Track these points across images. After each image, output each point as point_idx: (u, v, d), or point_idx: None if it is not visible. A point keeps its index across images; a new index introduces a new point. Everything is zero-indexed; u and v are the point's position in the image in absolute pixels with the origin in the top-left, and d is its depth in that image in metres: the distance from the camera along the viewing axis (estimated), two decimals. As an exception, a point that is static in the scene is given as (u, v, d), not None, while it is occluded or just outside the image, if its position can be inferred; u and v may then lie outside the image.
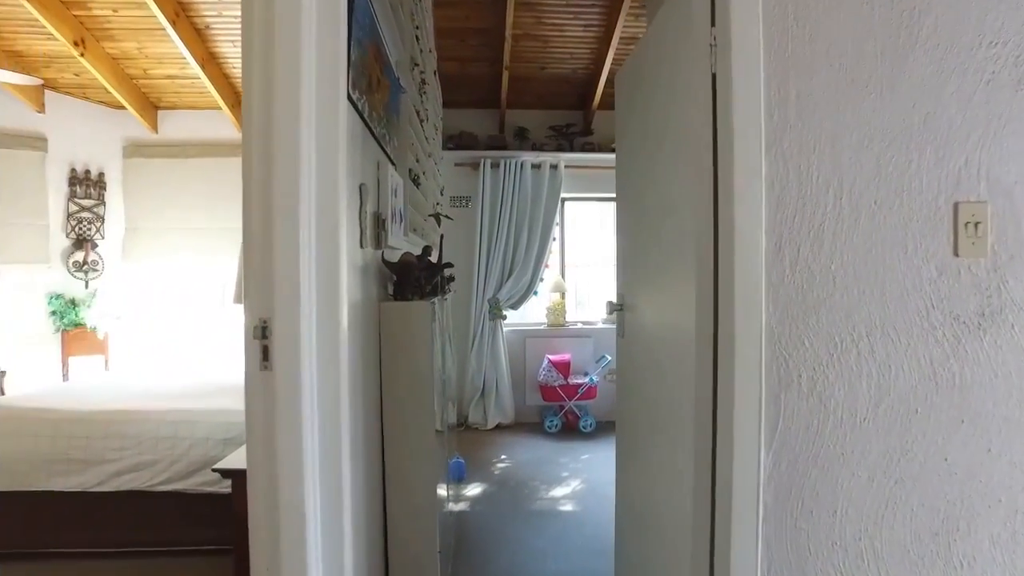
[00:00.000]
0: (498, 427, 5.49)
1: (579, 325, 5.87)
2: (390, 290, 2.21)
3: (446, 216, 3.43)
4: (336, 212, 1.39)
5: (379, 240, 2.00)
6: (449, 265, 2.57)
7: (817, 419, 1.42)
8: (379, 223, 2.00)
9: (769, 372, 1.39)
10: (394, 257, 2.20)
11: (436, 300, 2.51)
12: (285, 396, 1.28)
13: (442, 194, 5.01)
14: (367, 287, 1.92)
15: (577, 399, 5.29)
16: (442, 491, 2.40)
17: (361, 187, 1.77)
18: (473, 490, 3.94)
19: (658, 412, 1.72)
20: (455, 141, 5.54)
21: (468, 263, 5.59)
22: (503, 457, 4.63)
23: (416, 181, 2.93)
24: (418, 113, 2.96)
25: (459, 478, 4.13)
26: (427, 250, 2.46)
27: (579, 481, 4.08)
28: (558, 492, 3.89)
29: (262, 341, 1.29)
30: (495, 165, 5.55)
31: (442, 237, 3.28)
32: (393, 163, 2.32)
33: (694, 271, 1.41)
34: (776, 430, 1.40)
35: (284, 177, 1.28)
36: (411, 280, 2.17)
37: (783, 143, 1.40)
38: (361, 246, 1.78)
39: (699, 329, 1.40)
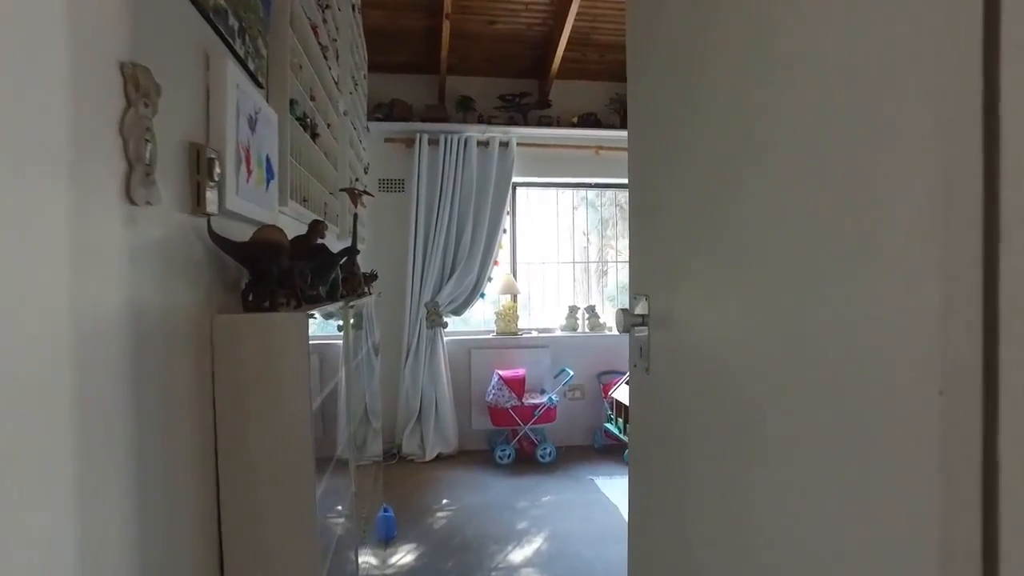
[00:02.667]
0: (439, 459, 4.53)
1: (534, 333, 4.98)
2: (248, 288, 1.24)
3: (365, 191, 2.50)
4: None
5: (199, 196, 1.03)
6: (350, 252, 1.61)
7: None
8: (202, 163, 1.03)
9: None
10: (239, 232, 1.23)
11: (339, 307, 1.57)
12: None
13: (366, 173, 4.02)
14: (171, 283, 0.96)
15: (533, 423, 4.39)
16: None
17: (126, 68, 0.80)
18: (404, 556, 2.98)
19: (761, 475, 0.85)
20: (384, 111, 4.55)
21: (401, 260, 4.61)
22: (445, 502, 3.68)
23: (312, 131, 1.95)
24: (315, 31, 1.98)
25: (387, 537, 3.15)
26: (317, 228, 1.49)
27: (543, 537, 3.17)
28: (517, 556, 2.97)
29: None
30: (434, 141, 4.59)
31: (355, 218, 2.31)
32: (251, 74, 1.35)
33: (920, 252, 0.53)
34: None
35: None
36: (276, 274, 1.21)
37: None
38: (133, 200, 0.82)
39: (949, 350, 0.53)
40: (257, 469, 1.14)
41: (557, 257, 5.24)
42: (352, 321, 2.30)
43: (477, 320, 5.13)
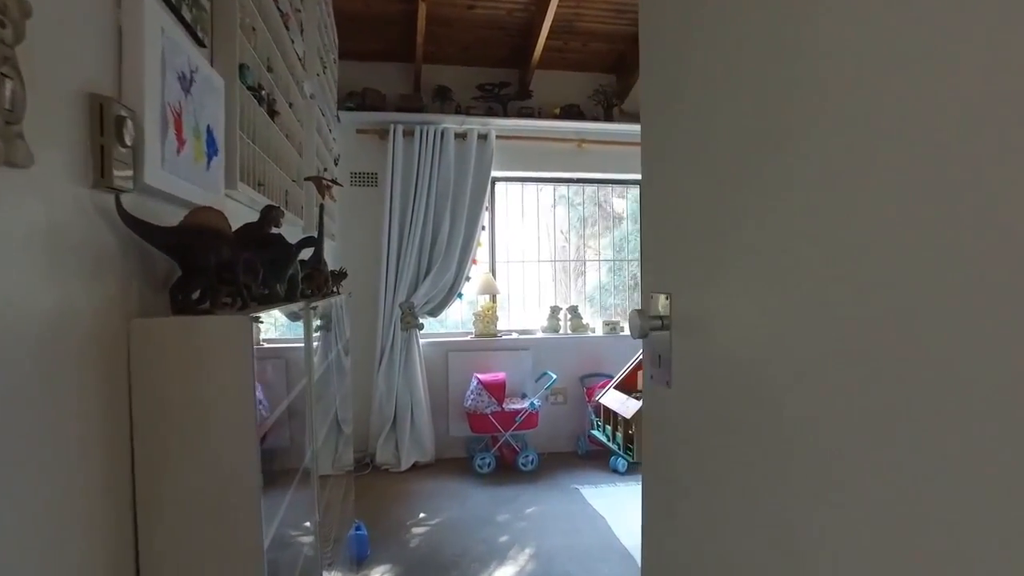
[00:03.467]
0: (415, 468, 4.28)
1: (514, 335, 4.76)
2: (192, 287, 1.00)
3: (333, 181, 2.26)
4: None
5: (104, 165, 0.79)
6: (311, 243, 1.38)
7: None
8: (107, 122, 0.79)
9: None
10: (168, 215, 0.99)
11: (300, 308, 1.35)
12: None
13: (336, 164, 3.76)
14: (61, 277, 0.72)
15: (515, 430, 4.18)
16: None
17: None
18: (378, 579, 2.74)
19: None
20: (356, 100, 4.29)
21: (374, 258, 4.36)
22: (422, 516, 3.44)
23: (270, 107, 1.71)
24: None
25: (359, 558, 2.91)
26: (271, 215, 1.26)
27: (527, 554, 2.95)
28: (500, 576, 2.75)
29: None
30: (408, 133, 4.35)
31: (322, 208, 2.07)
32: (188, 26, 1.11)
33: None
34: None
35: None
36: (213, 267, 0.97)
37: None
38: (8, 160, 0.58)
39: None
40: (188, 504, 0.91)
41: (538, 255, 5.03)
42: (319, 323, 2.07)
43: (455, 321, 4.89)
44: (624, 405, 2.82)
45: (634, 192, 5.13)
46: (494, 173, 4.58)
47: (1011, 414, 0.45)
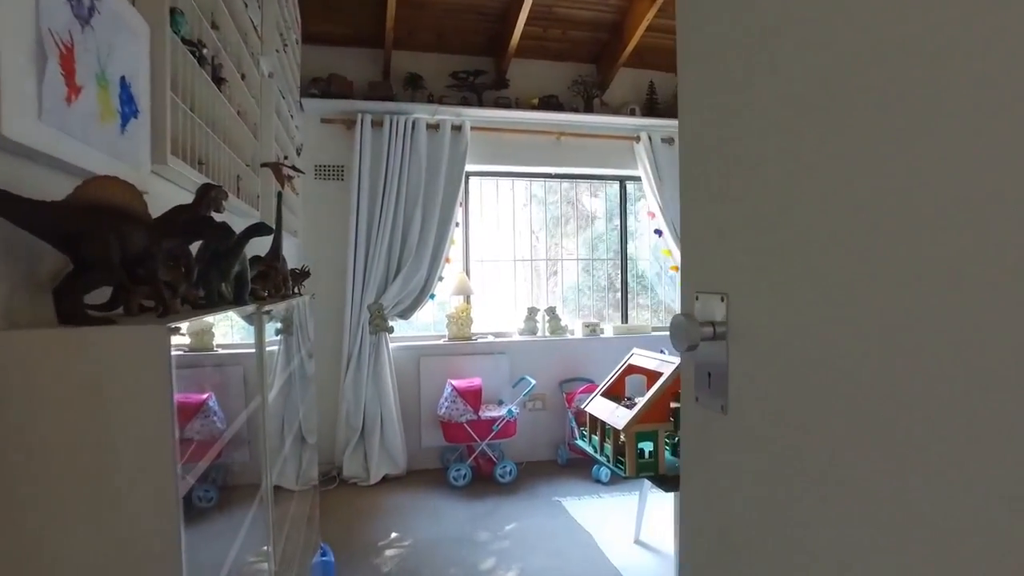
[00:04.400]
0: (385, 481, 4.00)
1: (490, 338, 4.51)
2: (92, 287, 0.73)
3: (294, 168, 1.99)
4: None
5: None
6: (261, 231, 1.11)
7: None
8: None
9: None
10: (53, 187, 0.72)
11: (253, 310, 1.09)
12: None
13: (299, 154, 3.46)
14: None
15: (492, 439, 3.93)
16: None
17: None
18: (345, 611, 2.46)
19: None
20: (321, 87, 3.99)
21: (340, 256, 4.07)
22: (394, 536, 3.16)
23: (215, 72, 1.44)
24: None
25: (324, 587, 2.63)
26: (208, 195, 0.99)
27: (510, 578, 2.71)
28: (481, 605, 2.50)
29: None
30: (377, 123, 4.06)
31: (280, 197, 1.80)
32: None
33: None
34: None
35: None
36: (115, 262, 0.71)
37: None
38: None
39: None
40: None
41: (514, 254, 4.80)
42: (279, 326, 1.82)
43: (426, 324, 4.62)
44: (614, 415, 2.60)
45: (612, 190, 4.93)
46: (469, 167, 4.33)
47: None
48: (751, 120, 0.76)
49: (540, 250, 4.91)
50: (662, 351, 4.10)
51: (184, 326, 0.71)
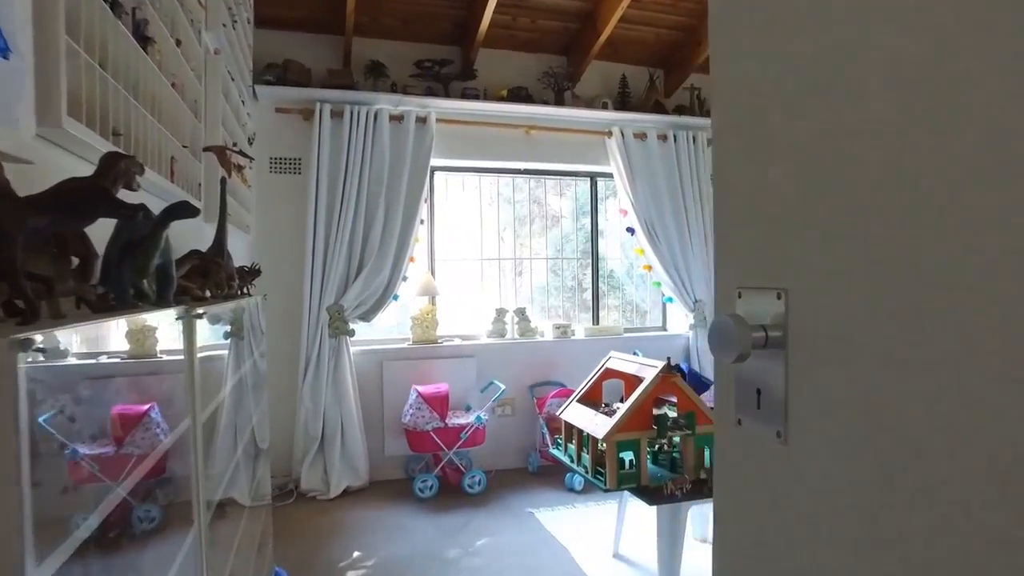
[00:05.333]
0: (346, 494, 3.75)
1: (457, 341, 4.30)
2: None
3: (241, 153, 1.76)
4: None
5: None
6: (182, 211, 0.89)
7: None
8: None
9: None
10: None
11: (181, 312, 0.88)
12: None
13: (251, 143, 3.20)
14: None
15: (459, 447, 3.72)
16: None
17: None
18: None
19: None
20: (276, 73, 3.73)
21: (297, 255, 3.81)
22: (356, 555, 2.93)
23: (139, 29, 1.21)
24: None
25: (277, 616, 2.39)
26: (114, 166, 0.77)
27: (482, 600, 2.52)
28: (452, 632, 2.30)
29: None
30: (337, 113, 3.82)
31: (223, 183, 1.57)
32: None
33: None
34: None
35: None
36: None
37: None
38: None
39: None
40: None
41: (481, 253, 4.60)
42: (228, 329, 1.62)
43: (390, 327, 4.39)
44: (593, 422, 2.44)
45: (580, 188, 4.78)
46: (434, 161, 4.12)
47: None
48: (796, 110, 0.58)
49: (507, 249, 4.73)
50: (635, 352, 3.97)
51: (39, 337, 0.49)
